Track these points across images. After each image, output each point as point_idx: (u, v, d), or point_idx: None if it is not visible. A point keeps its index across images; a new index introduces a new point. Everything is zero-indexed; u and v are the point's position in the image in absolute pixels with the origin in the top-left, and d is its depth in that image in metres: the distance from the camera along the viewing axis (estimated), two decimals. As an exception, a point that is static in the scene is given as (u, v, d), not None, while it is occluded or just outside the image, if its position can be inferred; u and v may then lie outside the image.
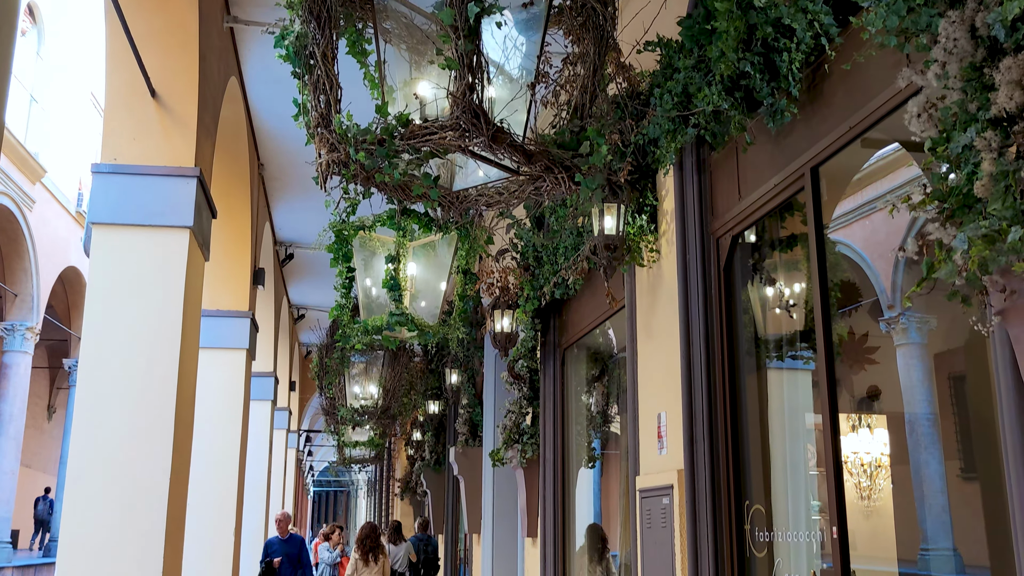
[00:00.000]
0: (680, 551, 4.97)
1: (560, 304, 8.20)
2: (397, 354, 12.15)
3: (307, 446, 25.48)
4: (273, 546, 11.07)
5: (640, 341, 5.90)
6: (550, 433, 8.09)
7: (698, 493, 4.89)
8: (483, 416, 11.20)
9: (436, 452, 14.61)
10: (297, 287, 15.53)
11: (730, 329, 4.97)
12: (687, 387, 5.05)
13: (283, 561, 10.83)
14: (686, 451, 4.99)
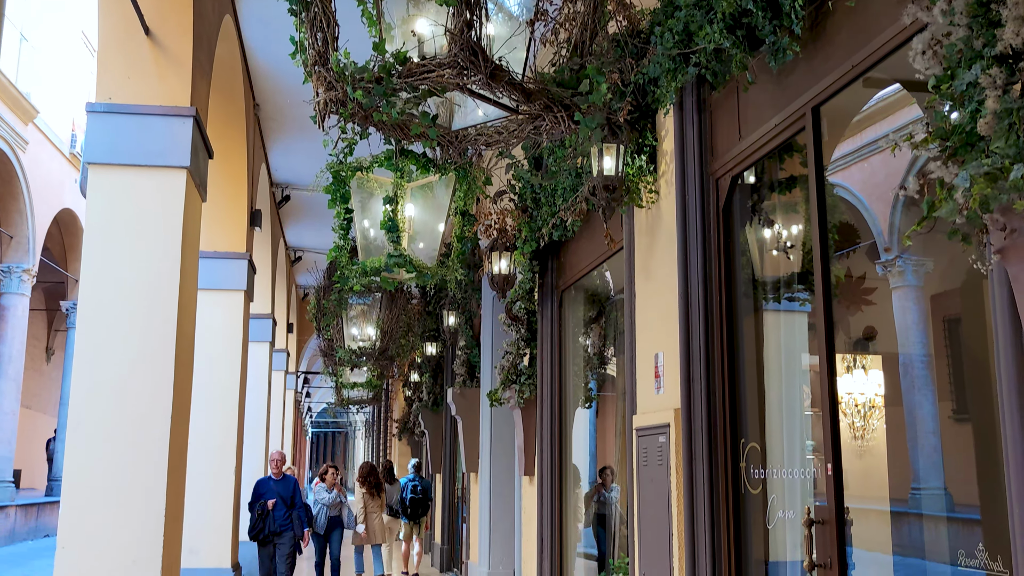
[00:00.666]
0: (676, 488, 5.04)
1: (558, 246, 8.20)
2: (395, 296, 12.17)
3: (305, 387, 25.67)
4: (265, 487, 10.27)
5: (638, 282, 5.92)
6: (547, 374, 8.15)
7: (694, 432, 4.94)
8: (481, 357, 11.27)
9: (434, 393, 14.72)
10: (293, 229, 15.51)
11: (728, 270, 4.98)
12: (684, 327, 5.07)
13: (277, 503, 10.08)
14: (683, 390, 5.03)
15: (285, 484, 10.38)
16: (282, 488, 10.29)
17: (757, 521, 4.66)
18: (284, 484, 10.37)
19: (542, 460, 8.12)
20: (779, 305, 5.03)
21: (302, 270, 17.88)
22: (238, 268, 9.66)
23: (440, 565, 14.66)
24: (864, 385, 7.52)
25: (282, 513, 10.14)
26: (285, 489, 10.32)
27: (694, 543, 4.87)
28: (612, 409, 8.42)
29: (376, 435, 31.35)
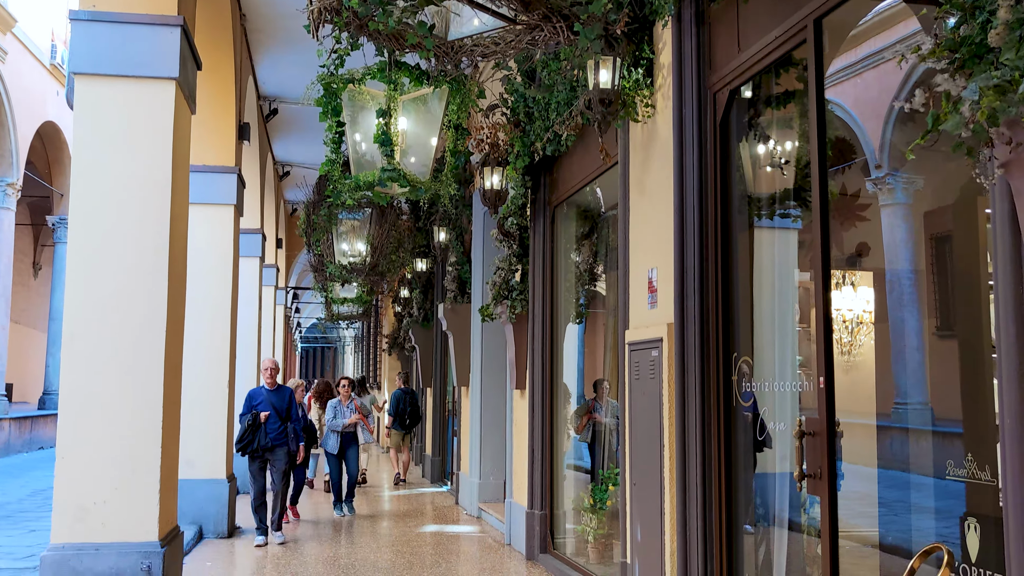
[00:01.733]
0: (668, 401, 5.12)
1: (551, 161, 8.16)
2: (385, 212, 12.11)
3: (294, 303, 25.72)
4: (259, 397, 9.36)
5: (632, 197, 5.91)
6: (539, 289, 8.19)
7: (687, 346, 5.00)
8: (471, 273, 11.30)
9: (424, 309, 14.79)
10: (282, 143, 15.33)
11: (724, 185, 4.97)
12: (679, 243, 5.09)
13: (270, 414, 9.24)
14: (676, 306, 5.07)
15: (280, 395, 9.46)
16: (276, 399, 9.39)
17: (747, 432, 4.76)
18: (279, 395, 9.46)
19: (533, 374, 8.21)
20: (772, 222, 5.05)
21: (290, 185, 17.76)
22: (227, 182, 9.58)
23: (431, 476, 14.94)
24: (853, 301, 7.59)
25: (276, 426, 9.27)
26: (280, 400, 9.42)
27: (685, 453, 4.97)
28: (602, 325, 8.49)
29: (366, 350, 31.57)
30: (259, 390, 9.50)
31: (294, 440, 9.56)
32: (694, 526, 4.88)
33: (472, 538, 9.58)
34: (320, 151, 11.91)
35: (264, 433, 9.22)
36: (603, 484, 7.74)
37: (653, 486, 5.27)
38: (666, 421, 5.14)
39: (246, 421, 9.24)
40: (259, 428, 9.20)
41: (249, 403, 9.41)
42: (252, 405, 9.36)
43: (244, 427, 9.25)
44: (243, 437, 9.22)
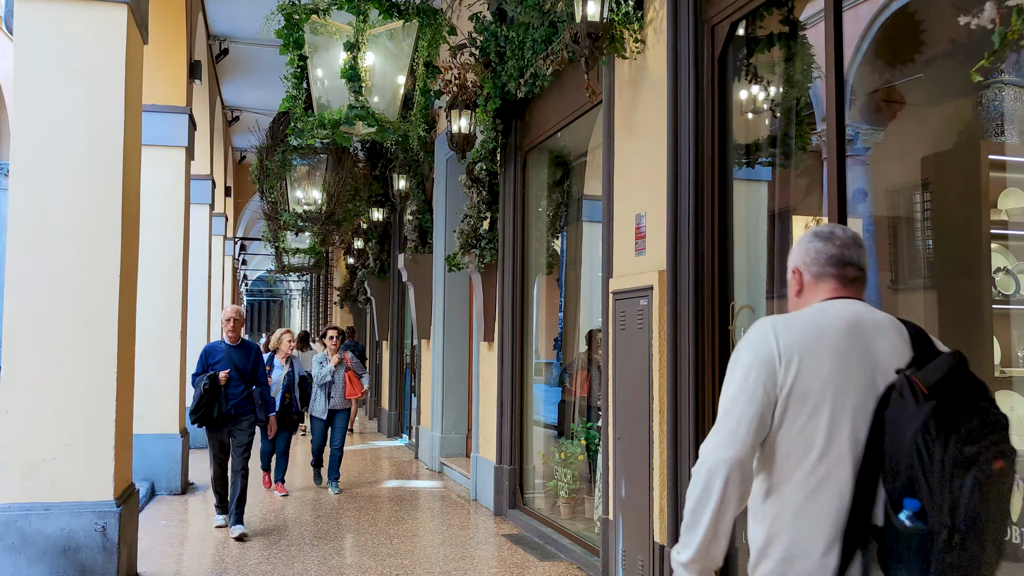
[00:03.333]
0: (658, 351, 4.88)
1: (523, 104, 7.82)
2: (341, 158, 11.69)
3: (242, 254, 25.09)
4: (217, 354, 7.52)
5: (618, 139, 5.62)
6: (509, 238, 7.90)
7: (680, 293, 4.76)
8: (433, 222, 10.96)
9: (381, 260, 14.41)
10: (232, 87, 14.71)
11: (721, 126, 4.71)
12: (672, 185, 4.82)
13: (233, 377, 7.44)
14: (669, 252, 4.82)
15: (244, 352, 7.62)
16: (239, 357, 7.55)
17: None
18: (243, 352, 7.61)
19: (503, 326, 7.94)
20: (770, 164, 4.80)
21: (240, 131, 17.11)
22: (178, 123, 9.07)
23: (388, 431, 14.67)
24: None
25: (239, 391, 7.48)
26: (243, 358, 7.58)
27: (676, 406, 4.75)
28: (575, 275, 8.24)
29: (316, 303, 31.05)
30: (217, 345, 7.62)
31: (262, 408, 7.66)
32: (686, 482, 4.67)
33: (436, 493, 9.36)
34: (272, 96, 11.33)
35: (224, 399, 7.37)
36: (574, 438, 7.54)
37: (640, 441, 5.06)
38: (656, 373, 4.91)
39: (201, 384, 7.28)
40: (218, 393, 7.34)
41: (204, 361, 7.50)
42: (208, 364, 7.47)
43: (199, 392, 7.30)
44: (199, 405, 7.27)
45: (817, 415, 2.09)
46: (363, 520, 7.92)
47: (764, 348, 2.13)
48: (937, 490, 1.91)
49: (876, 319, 2.19)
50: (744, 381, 2.13)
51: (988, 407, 1.99)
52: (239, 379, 7.48)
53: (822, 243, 2.28)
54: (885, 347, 2.13)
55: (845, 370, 2.10)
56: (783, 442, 2.12)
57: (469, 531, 7.54)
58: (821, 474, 2.08)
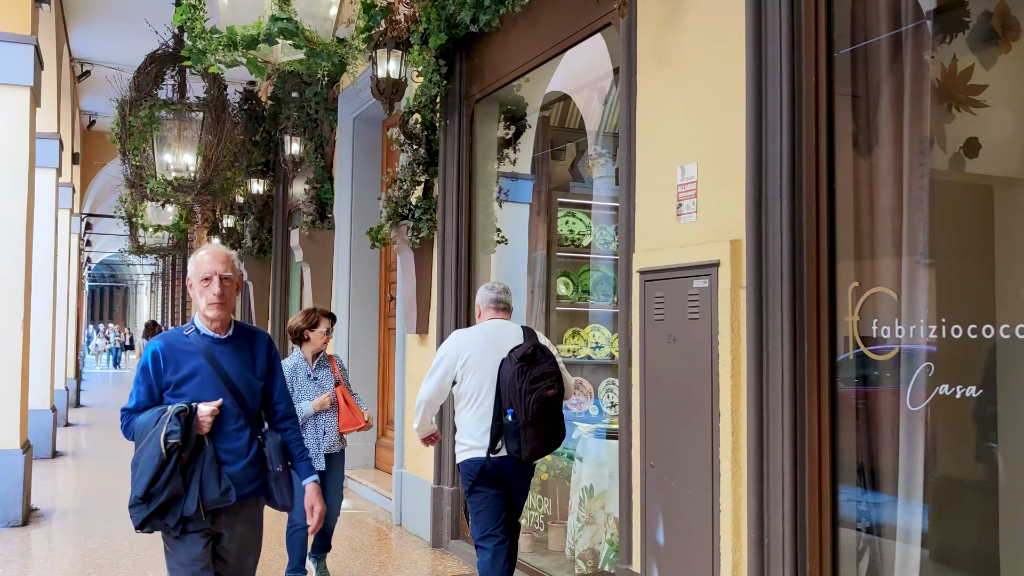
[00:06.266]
0: (729, 350, 3.56)
1: (470, 43, 6.37)
2: (221, 117, 9.88)
3: (86, 234, 22.43)
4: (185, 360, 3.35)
5: (644, 72, 4.26)
6: (452, 208, 6.43)
7: (769, 272, 3.44)
8: (336, 193, 9.35)
9: (260, 239, 12.58)
10: (80, 36, 12.53)
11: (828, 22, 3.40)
12: (755, 120, 3.49)
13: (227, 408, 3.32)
14: (750, 215, 3.50)
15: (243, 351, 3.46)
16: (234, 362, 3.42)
17: (883, 402, 3.27)
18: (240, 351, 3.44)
19: (443, 315, 6.47)
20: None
21: (90, 89, 14.82)
22: (20, 56, 7.12)
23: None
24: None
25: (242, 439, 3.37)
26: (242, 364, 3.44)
27: (762, 426, 3.44)
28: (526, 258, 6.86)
29: (168, 289, 28.48)
30: (181, 340, 3.40)
31: (284, 481, 3.47)
32: (777, 531, 3.37)
33: (345, 517, 7.78)
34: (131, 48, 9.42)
35: (214, 463, 3.30)
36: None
37: (693, 471, 3.73)
38: (724, 379, 3.58)
39: (160, 433, 3.17)
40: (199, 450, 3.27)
41: (155, 377, 3.36)
42: (167, 384, 3.35)
43: (154, 452, 3.18)
44: (153, 481, 3.17)
45: (477, 375, 4.43)
46: (266, 555, 6.30)
47: (450, 349, 4.52)
48: (519, 404, 4.26)
49: (508, 326, 4.59)
50: (441, 361, 4.51)
51: (548, 362, 4.37)
52: (238, 413, 3.37)
53: (487, 292, 4.72)
54: (508, 340, 4.46)
55: (486, 352, 4.44)
56: (462, 389, 4.47)
57: (403, 571, 6.04)
58: (482, 402, 4.41)
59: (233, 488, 3.28)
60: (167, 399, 3.31)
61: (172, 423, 3.16)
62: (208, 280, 3.32)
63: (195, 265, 3.37)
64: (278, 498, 3.44)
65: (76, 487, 9.55)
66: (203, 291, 3.33)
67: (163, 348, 3.34)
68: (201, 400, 3.27)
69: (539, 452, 4.33)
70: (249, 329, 3.53)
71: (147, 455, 3.17)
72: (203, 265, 3.36)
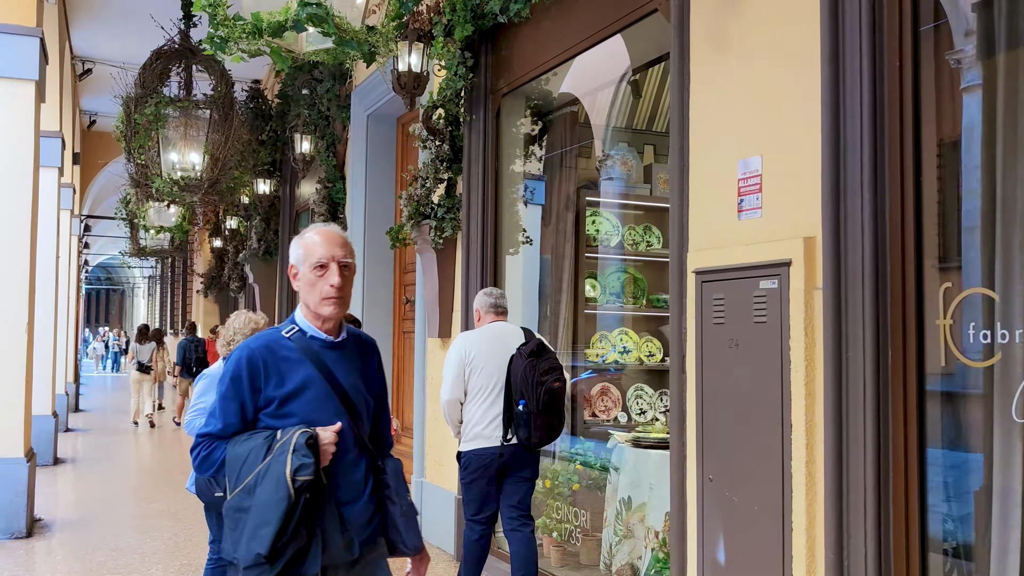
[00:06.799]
0: (804, 357, 3.30)
1: (497, 34, 6.11)
2: (228, 115, 9.61)
3: (85, 236, 22.12)
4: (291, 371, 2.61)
5: (698, 58, 4.01)
6: (477, 206, 6.17)
7: (848, 272, 3.18)
8: (348, 192, 9.08)
9: (266, 240, 12.31)
10: (82, 33, 12.25)
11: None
12: (832, 108, 3.23)
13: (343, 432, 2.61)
14: (826, 210, 3.24)
15: (354, 361, 2.77)
16: (351, 372, 2.73)
17: (980, 413, 3.01)
18: (353, 361, 2.75)
19: (468, 318, 6.20)
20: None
21: (91, 88, 14.53)
22: (26, 49, 6.84)
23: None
24: None
25: (359, 471, 2.68)
26: (354, 375, 2.74)
27: (841, 440, 3.18)
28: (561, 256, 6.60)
29: (169, 292, 28.15)
30: (280, 343, 2.66)
31: (412, 519, 2.80)
32: (859, 552, 3.11)
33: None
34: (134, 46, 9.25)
35: (333, 509, 2.60)
36: (571, 462, 5.91)
37: (761, 487, 3.46)
38: (797, 388, 3.32)
39: (283, 464, 2.44)
40: (320, 489, 2.54)
41: (254, 387, 2.61)
42: (270, 400, 2.61)
43: (280, 487, 2.42)
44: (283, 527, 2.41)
45: (485, 371, 4.85)
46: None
47: (459, 350, 4.94)
48: (531, 395, 4.66)
49: (509, 327, 5.03)
50: (452, 361, 4.94)
51: (551, 357, 4.81)
52: (355, 438, 2.70)
53: (486, 297, 5.14)
54: (512, 339, 4.89)
55: (492, 351, 4.86)
56: (469, 385, 4.89)
57: (429, 586, 5.78)
58: (490, 395, 4.83)
59: (355, 539, 2.63)
60: (265, 420, 2.61)
61: (302, 455, 2.44)
62: (323, 268, 2.63)
63: (304, 249, 2.68)
64: (407, 539, 2.75)
65: (80, 496, 9.27)
66: (316, 282, 2.64)
67: (262, 353, 2.63)
68: (314, 421, 2.58)
69: (545, 440, 4.82)
70: (358, 333, 2.89)
71: (267, 498, 2.41)
72: (315, 249, 2.65)
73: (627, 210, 6.90)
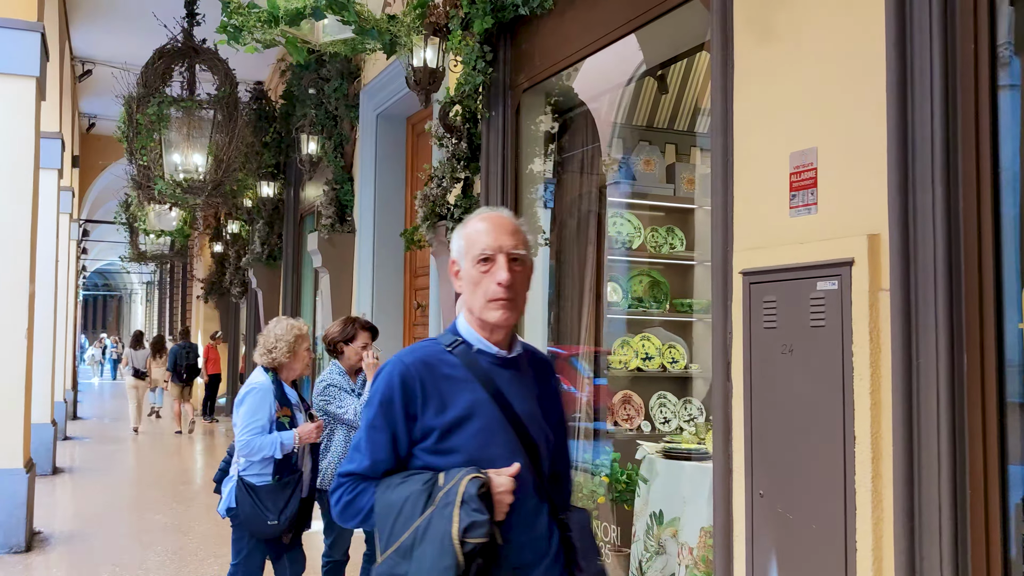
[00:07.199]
0: (868, 364, 3.06)
1: (517, 27, 5.87)
2: (232, 115, 9.37)
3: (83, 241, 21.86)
4: (456, 394, 2.08)
5: (743, 45, 3.77)
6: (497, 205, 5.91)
7: (919, 272, 2.94)
8: (357, 194, 8.84)
9: (270, 244, 12.07)
10: (82, 33, 12.01)
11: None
12: (898, 89, 2.99)
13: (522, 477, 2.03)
14: (893, 205, 3.00)
15: (530, 383, 2.25)
16: (527, 398, 2.21)
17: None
18: (529, 383, 2.24)
19: (487, 323, 5.94)
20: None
21: (90, 90, 14.28)
22: (26, 43, 6.60)
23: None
24: None
25: (542, 528, 2.16)
26: (534, 400, 2.22)
27: (912, 455, 2.93)
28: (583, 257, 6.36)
29: (168, 298, 27.87)
30: (441, 356, 2.16)
31: None
32: (935, 574, 2.86)
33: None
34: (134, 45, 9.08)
35: None
36: (595, 474, 5.67)
37: (820, 505, 3.22)
38: (861, 397, 3.08)
39: (450, 522, 1.91)
40: (495, 553, 1.95)
41: (408, 414, 2.09)
42: (429, 431, 2.08)
43: (444, 552, 1.88)
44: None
45: None
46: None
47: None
48: None
49: None
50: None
51: None
52: (535, 483, 2.14)
53: None
54: None
55: None
56: None
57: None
58: None
59: None
60: (422, 458, 2.05)
61: (473, 508, 1.89)
62: (489, 261, 2.12)
63: (465, 240, 2.19)
64: None
65: (80, 508, 9.00)
66: (480, 280, 2.12)
67: (419, 370, 2.08)
68: (483, 460, 2.00)
69: None
70: (532, 349, 2.35)
71: (429, 565, 1.88)
72: (479, 238, 2.14)
73: (649, 211, 6.67)
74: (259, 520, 4.11)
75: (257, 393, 4.22)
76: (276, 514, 3.75)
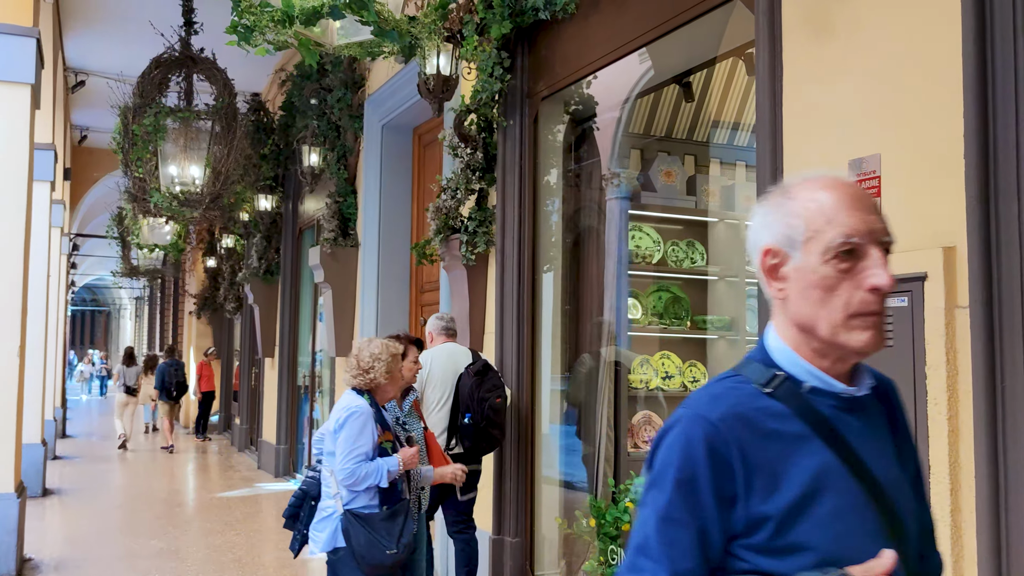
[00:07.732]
0: (944, 391, 2.82)
1: (533, 32, 5.65)
2: (231, 126, 9.12)
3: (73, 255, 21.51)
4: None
5: (794, 45, 3.55)
6: (513, 219, 5.69)
7: (1003, 287, 2.71)
8: (361, 207, 8.58)
9: (267, 259, 11.78)
10: (75, 43, 11.74)
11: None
12: (977, 90, 2.77)
13: None
14: (974, 215, 2.77)
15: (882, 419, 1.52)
16: (883, 453, 1.46)
17: None
18: (877, 422, 1.50)
19: (503, 341, 5.71)
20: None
21: (82, 102, 13.99)
22: (21, 49, 6.34)
23: (274, 470, 12.05)
24: None
25: None
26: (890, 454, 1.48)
27: (998, 496, 2.69)
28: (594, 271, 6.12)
29: (159, 314, 27.50)
30: (756, 401, 1.40)
31: None
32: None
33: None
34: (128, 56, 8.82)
35: None
36: (617, 500, 5.40)
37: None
38: (938, 424, 2.84)
39: None
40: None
41: (722, 499, 1.34)
42: (761, 520, 1.35)
43: None
44: None
45: (439, 387, 5.22)
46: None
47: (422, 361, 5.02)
48: (476, 409, 5.05)
49: (459, 348, 5.46)
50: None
51: (495, 376, 5.22)
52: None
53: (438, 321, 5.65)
54: (462, 359, 5.32)
55: (445, 368, 5.25)
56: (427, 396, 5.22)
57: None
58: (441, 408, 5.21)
59: None
60: (750, 559, 1.35)
61: None
62: (854, 255, 1.38)
63: (804, 219, 1.40)
64: None
65: (71, 532, 8.67)
66: (838, 282, 1.38)
67: (735, 431, 1.36)
68: (842, 557, 1.32)
69: (485, 450, 5.26)
70: (875, 373, 1.58)
71: None
72: (834, 216, 1.38)
73: (669, 224, 6.43)
74: (378, 552, 3.78)
75: (359, 417, 3.87)
76: (394, 542, 3.52)
